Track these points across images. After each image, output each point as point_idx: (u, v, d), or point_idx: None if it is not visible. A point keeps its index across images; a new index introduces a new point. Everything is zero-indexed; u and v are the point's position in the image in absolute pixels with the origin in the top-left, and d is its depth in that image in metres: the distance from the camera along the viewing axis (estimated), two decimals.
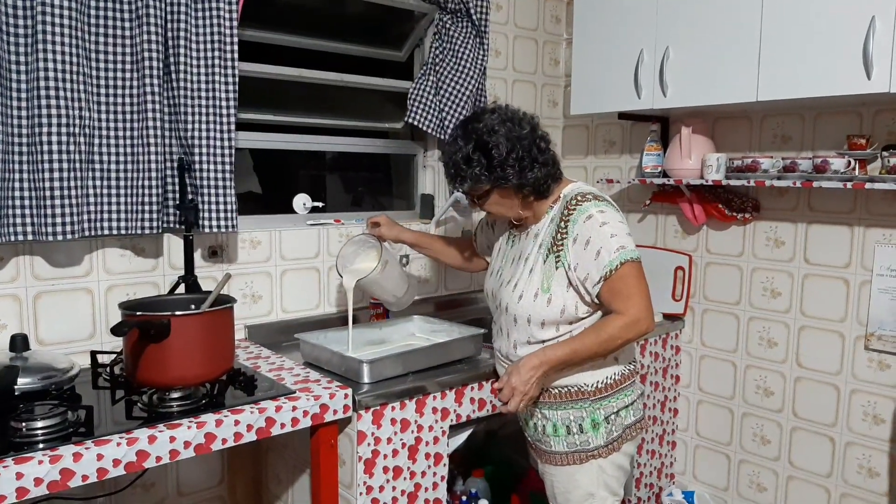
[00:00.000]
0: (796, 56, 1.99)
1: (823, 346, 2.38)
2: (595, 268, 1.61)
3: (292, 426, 1.64)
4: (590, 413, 1.71)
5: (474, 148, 1.63)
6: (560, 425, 1.74)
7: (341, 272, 2.04)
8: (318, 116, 2.54)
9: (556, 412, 1.74)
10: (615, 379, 1.73)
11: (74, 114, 1.75)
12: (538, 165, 1.65)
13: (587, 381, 1.71)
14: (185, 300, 1.79)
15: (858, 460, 2.32)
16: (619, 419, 1.73)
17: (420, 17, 2.66)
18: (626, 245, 1.61)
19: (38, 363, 1.57)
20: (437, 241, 2.19)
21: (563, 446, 1.74)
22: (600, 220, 1.62)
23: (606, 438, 1.72)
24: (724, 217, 2.53)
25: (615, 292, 1.61)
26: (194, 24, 1.94)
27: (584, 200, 1.66)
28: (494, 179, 1.64)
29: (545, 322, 1.68)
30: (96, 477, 1.36)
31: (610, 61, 2.51)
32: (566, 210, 1.67)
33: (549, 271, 1.68)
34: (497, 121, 1.65)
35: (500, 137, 1.62)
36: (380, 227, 2.06)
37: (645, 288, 1.64)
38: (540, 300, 1.67)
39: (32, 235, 1.75)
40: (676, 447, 2.85)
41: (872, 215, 2.22)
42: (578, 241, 1.63)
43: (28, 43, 1.70)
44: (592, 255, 1.61)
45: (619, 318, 1.61)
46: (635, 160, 2.88)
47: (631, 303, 1.61)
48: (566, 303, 1.66)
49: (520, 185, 1.65)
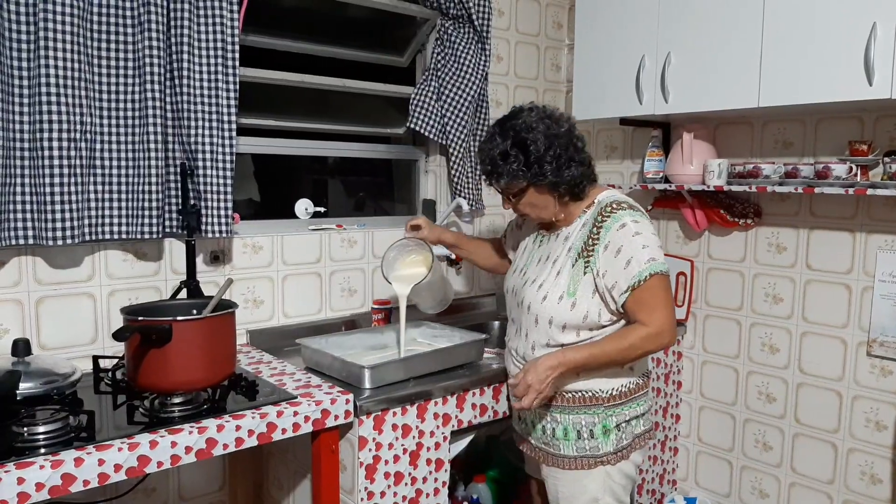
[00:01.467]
0: (798, 62, 2.00)
1: (825, 352, 2.37)
2: (624, 277, 1.61)
3: (294, 431, 1.64)
4: (602, 419, 1.71)
5: (512, 144, 1.64)
6: (571, 429, 1.73)
7: (389, 279, 2.03)
8: (320, 122, 2.55)
9: (568, 416, 1.73)
10: (629, 388, 1.73)
11: (76, 119, 1.75)
12: (575, 164, 1.66)
13: (602, 388, 1.71)
14: (186, 305, 1.80)
15: (861, 467, 2.31)
16: (629, 427, 1.74)
17: (422, 23, 2.67)
18: (656, 258, 1.62)
19: (39, 368, 1.57)
20: (473, 242, 2.17)
21: (573, 450, 1.73)
22: (633, 230, 1.63)
23: (616, 445, 1.72)
24: (726, 223, 2.53)
25: (641, 303, 1.62)
26: (196, 29, 1.94)
27: (619, 209, 1.67)
28: (532, 176, 1.65)
29: (566, 325, 1.68)
30: (98, 482, 1.36)
31: (611, 67, 2.51)
32: (600, 216, 1.68)
33: (576, 276, 1.68)
34: (535, 118, 1.67)
35: (539, 134, 1.63)
36: (421, 229, 2.04)
37: (671, 301, 1.66)
38: (564, 303, 1.67)
39: (33, 240, 1.75)
40: (678, 453, 2.84)
41: (874, 221, 2.22)
42: (610, 248, 1.63)
43: (31, 49, 1.70)
44: (622, 263, 1.61)
45: (643, 328, 1.62)
46: (637, 166, 2.88)
47: (655, 315, 1.61)
48: (590, 309, 1.66)
49: (556, 182, 1.65)
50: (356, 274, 2.50)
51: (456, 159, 2.63)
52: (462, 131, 2.61)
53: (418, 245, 2.04)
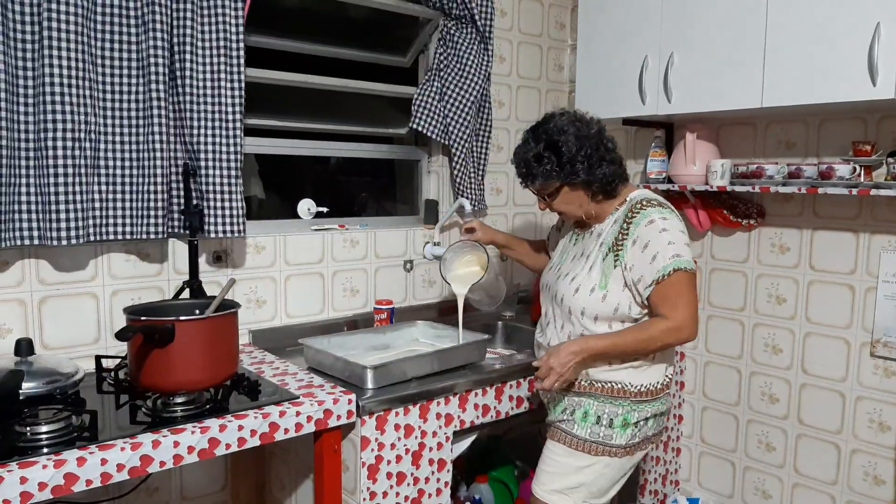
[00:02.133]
0: (801, 62, 1.99)
1: (829, 353, 2.37)
2: (649, 271, 1.67)
3: (296, 431, 1.64)
4: (626, 412, 1.76)
5: (545, 147, 1.72)
6: (593, 413, 1.78)
7: (447, 279, 2.15)
8: (323, 122, 2.55)
9: (594, 402, 1.78)
10: (658, 386, 1.79)
11: (80, 119, 1.76)
12: (606, 163, 1.74)
13: (633, 382, 1.76)
14: (189, 305, 1.80)
15: (864, 468, 2.30)
16: (645, 428, 1.79)
17: (425, 23, 2.67)
18: (681, 254, 1.67)
19: (42, 368, 1.57)
20: (523, 243, 2.24)
21: (587, 433, 1.78)
22: (661, 227, 1.69)
23: (628, 441, 1.77)
24: (729, 223, 2.53)
25: (664, 297, 1.67)
26: (200, 29, 1.94)
27: (648, 205, 1.73)
28: (565, 176, 1.72)
29: (598, 317, 1.74)
30: (100, 482, 1.36)
31: (614, 67, 2.51)
32: (630, 213, 1.74)
33: (607, 269, 1.74)
34: (566, 121, 1.75)
35: (570, 136, 1.71)
36: (475, 231, 2.13)
37: (694, 298, 1.70)
38: (596, 295, 1.74)
39: (38, 240, 1.76)
40: (681, 454, 2.84)
41: (878, 221, 2.21)
42: (638, 243, 1.69)
43: (35, 49, 1.71)
44: (648, 258, 1.67)
45: (664, 321, 1.68)
46: (640, 166, 2.88)
47: (678, 310, 1.66)
48: (621, 301, 1.72)
49: (589, 181, 1.73)
50: (358, 274, 2.50)
51: (458, 159, 2.63)
52: (464, 132, 2.61)
53: (473, 247, 2.15)
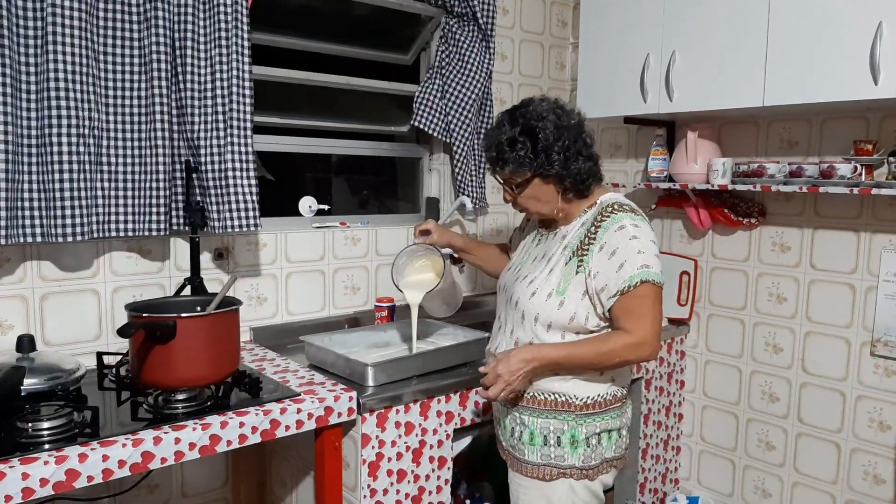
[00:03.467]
0: (803, 61, 1.99)
1: (829, 352, 2.37)
2: (614, 280, 1.54)
3: (297, 428, 1.64)
4: (571, 427, 1.62)
5: (521, 131, 1.60)
6: (538, 434, 1.64)
7: (399, 286, 1.98)
8: (325, 119, 2.55)
9: (537, 420, 1.64)
10: (606, 398, 1.64)
11: (83, 115, 1.76)
12: (583, 158, 1.61)
13: (577, 394, 1.62)
14: (191, 302, 1.80)
15: (864, 467, 2.30)
16: (600, 447, 1.64)
17: (426, 21, 2.67)
18: (650, 265, 1.55)
19: (44, 364, 1.57)
20: (483, 247, 2.07)
21: (538, 457, 1.65)
22: (631, 233, 1.56)
23: (582, 462, 1.63)
24: (730, 222, 2.53)
25: (627, 310, 1.55)
26: (202, 25, 1.94)
27: (620, 210, 1.61)
28: (538, 165, 1.59)
29: (552, 325, 1.61)
30: (101, 478, 1.36)
31: (616, 65, 2.51)
32: (600, 216, 1.61)
33: (568, 274, 1.61)
34: (546, 108, 1.63)
35: (549, 123, 1.59)
36: (430, 234, 1.96)
37: (659, 314, 1.58)
38: (552, 301, 1.61)
39: (41, 237, 1.76)
40: (681, 452, 2.84)
41: (879, 221, 2.21)
42: (605, 249, 1.57)
43: (38, 45, 1.71)
44: (615, 266, 1.55)
45: (626, 336, 1.54)
46: (641, 164, 2.88)
47: (641, 325, 1.54)
48: (578, 310, 1.59)
49: (562, 174, 1.60)
50: (359, 272, 2.50)
51: (460, 157, 2.63)
52: (466, 129, 2.61)
53: (428, 250, 1.99)
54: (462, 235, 2.08)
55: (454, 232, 2.07)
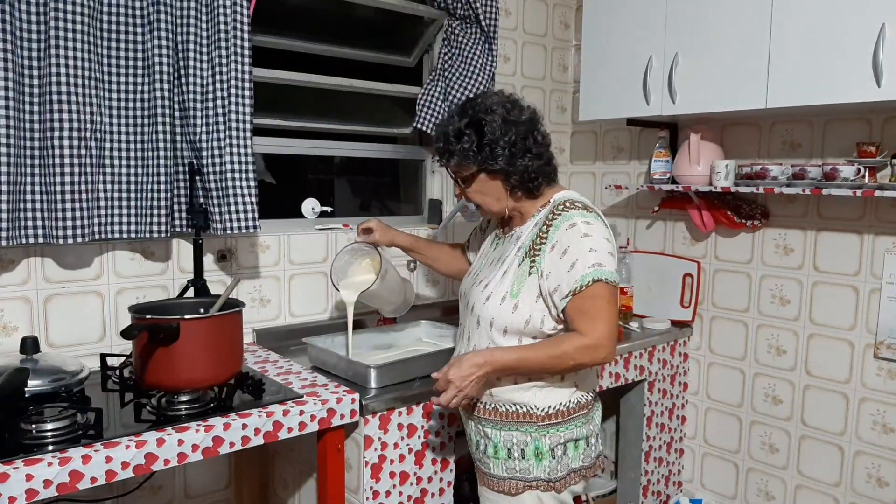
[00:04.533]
0: (806, 63, 1.99)
1: (832, 355, 2.36)
2: (567, 280, 1.49)
3: (299, 430, 1.64)
4: (535, 439, 1.57)
5: (468, 124, 1.55)
6: (502, 447, 1.60)
7: (337, 285, 1.95)
8: (327, 121, 2.55)
9: (500, 432, 1.60)
10: (569, 406, 1.59)
11: (86, 118, 1.76)
12: (531, 155, 1.56)
13: (538, 404, 1.57)
14: (194, 304, 1.80)
15: (867, 469, 2.30)
16: (566, 458, 1.59)
17: (429, 23, 2.67)
18: (603, 263, 1.49)
19: (48, 366, 1.58)
20: (432, 247, 2.02)
21: (503, 471, 1.60)
22: (583, 231, 1.51)
23: (548, 474, 1.58)
24: (733, 224, 2.53)
25: (581, 311, 1.49)
26: (205, 28, 1.95)
27: (571, 207, 1.55)
28: (482, 160, 1.55)
29: (507, 329, 1.57)
30: (105, 479, 1.37)
31: (619, 67, 2.51)
32: (551, 214, 1.57)
33: (521, 276, 1.56)
34: (496, 102, 1.57)
35: (496, 117, 1.54)
36: (373, 233, 1.91)
37: (613, 314, 1.51)
38: (506, 305, 1.56)
39: (44, 238, 1.76)
40: (684, 455, 2.84)
41: (882, 223, 2.21)
42: (556, 248, 1.52)
43: (41, 48, 1.71)
44: (567, 266, 1.49)
45: (579, 338, 1.49)
46: (644, 166, 2.88)
47: (595, 326, 1.48)
48: (532, 314, 1.54)
49: (508, 171, 1.56)
50: None
51: None
52: None
53: (370, 249, 1.95)
54: (407, 234, 1.99)
55: (399, 231, 1.97)
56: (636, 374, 2.50)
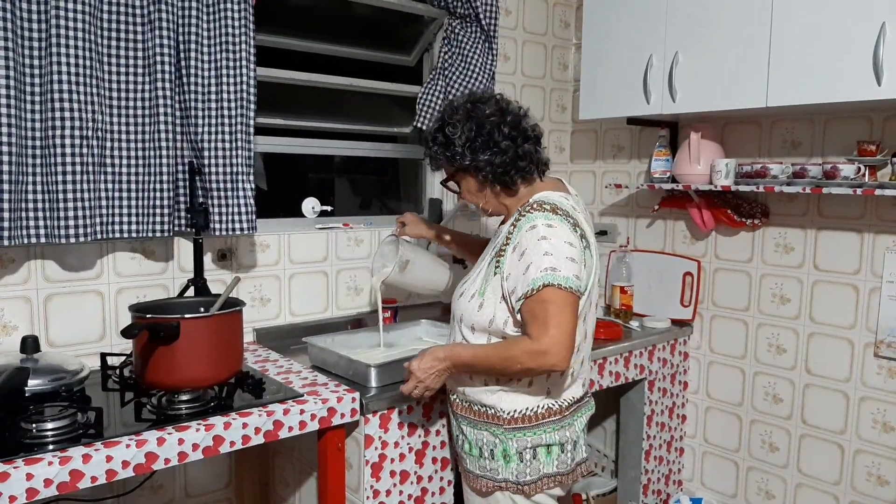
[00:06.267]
0: (806, 62, 1.99)
1: (833, 353, 2.36)
2: (521, 283, 1.47)
3: (300, 429, 1.64)
4: (502, 441, 1.59)
5: (438, 128, 1.61)
6: (475, 445, 1.65)
7: (372, 274, 2.15)
8: (328, 120, 2.55)
9: (473, 430, 1.65)
10: (535, 412, 1.58)
11: (87, 117, 1.76)
12: (493, 150, 1.55)
13: (504, 407, 1.58)
14: (194, 303, 1.80)
15: (868, 468, 2.30)
16: (535, 462, 1.58)
17: (429, 22, 2.67)
18: (557, 268, 1.44)
19: (48, 365, 1.58)
20: (459, 240, 2.10)
21: (476, 468, 1.65)
22: (541, 234, 1.48)
23: (516, 476, 1.59)
24: (733, 223, 2.53)
25: (532, 315, 1.46)
26: (206, 27, 1.95)
27: (538, 209, 1.53)
28: (449, 159, 1.60)
29: (475, 327, 1.59)
30: (105, 478, 1.37)
31: (619, 66, 2.51)
32: (518, 215, 1.57)
33: (489, 276, 1.58)
34: (461, 101, 1.61)
35: (458, 116, 1.57)
36: (405, 225, 2.08)
37: (567, 321, 1.44)
38: (474, 302, 1.59)
39: (45, 238, 1.76)
40: (684, 453, 2.84)
41: (882, 221, 2.21)
42: (517, 250, 1.51)
43: (42, 47, 1.71)
44: (523, 268, 1.48)
45: (527, 342, 1.46)
46: (644, 165, 2.88)
47: (544, 331, 1.43)
48: (496, 313, 1.55)
49: (473, 167, 1.58)
50: (362, 273, 2.50)
51: None
52: None
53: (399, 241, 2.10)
54: (435, 228, 2.11)
55: (428, 224, 2.11)
56: (636, 373, 2.50)
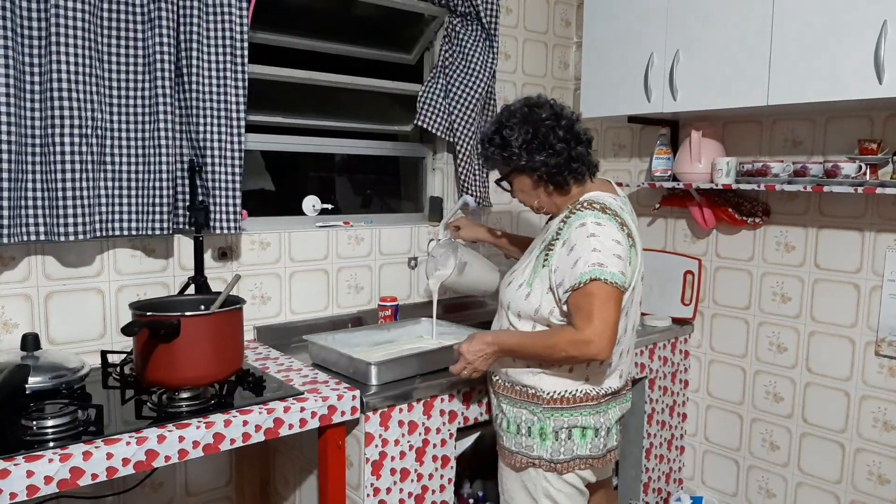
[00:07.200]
0: (807, 60, 1.99)
1: (833, 352, 2.36)
2: (569, 276, 1.57)
3: (300, 427, 1.64)
4: (540, 420, 1.70)
5: (495, 130, 1.69)
6: (513, 422, 1.75)
7: (428, 276, 2.22)
8: (328, 119, 2.55)
9: (512, 409, 1.76)
10: (574, 395, 1.69)
11: (87, 115, 1.76)
12: (551, 151, 1.64)
13: (544, 388, 1.69)
14: (194, 301, 1.80)
15: (868, 467, 2.30)
16: (570, 443, 1.69)
17: (430, 20, 2.67)
18: (605, 263, 1.54)
19: (48, 362, 1.58)
20: (506, 241, 2.22)
21: (512, 444, 1.76)
22: (590, 231, 1.58)
23: (550, 454, 1.69)
24: (734, 221, 2.52)
25: (578, 307, 1.56)
26: (205, 27, 1.95)
27: (588, 207, 1.64)
28: (506, 160, 1.68)
29: (521, 314, 1.70)
30: (105, 476, 1.37)
31: (620, 65, 2.51)
32: (569, 212, 1.68)
33: (537, 267, 1.69)
34: (519, 104, 1.71)
35: (516, 119, 1.67)
36: (459, 230, 2.20)
37: (611, 314, 1.54)
38: (521, 291, 1.70)
39: (45, 236, 1.76)
40: (685, 452, 2.84)
41: (883, 220, 2.21)
42: (566, 245, 1.61)
43: (42, 45, 1.71)
44: (571, 262, 1.58)
45: (571, 332, 1.56)
46: (645, 164, 2.87)
47: (589, 323, 1.53)
48: (542, 303, 1.65)
49: (529, 168, 1.67)
50: (363, 271, 2.50)
51: (463, 157, 2.63)
52: (469, 129, 2.61)
53: (456, 244, 2.20)
54: (491, 231, 2.24)
55: (483, 228, 2.26)
56: (637, 371, 2.50)
